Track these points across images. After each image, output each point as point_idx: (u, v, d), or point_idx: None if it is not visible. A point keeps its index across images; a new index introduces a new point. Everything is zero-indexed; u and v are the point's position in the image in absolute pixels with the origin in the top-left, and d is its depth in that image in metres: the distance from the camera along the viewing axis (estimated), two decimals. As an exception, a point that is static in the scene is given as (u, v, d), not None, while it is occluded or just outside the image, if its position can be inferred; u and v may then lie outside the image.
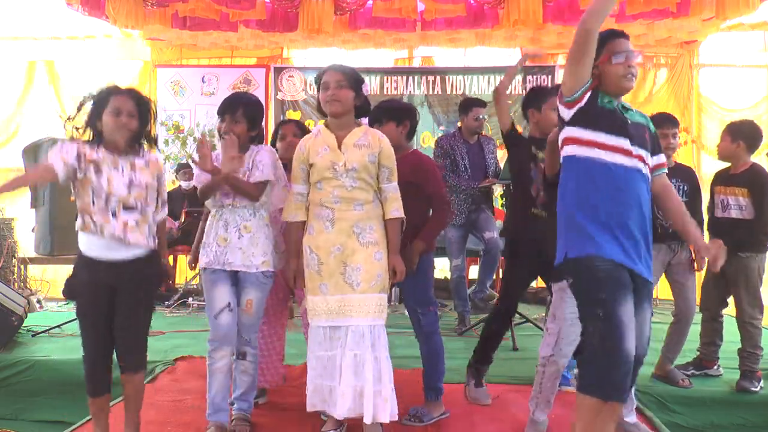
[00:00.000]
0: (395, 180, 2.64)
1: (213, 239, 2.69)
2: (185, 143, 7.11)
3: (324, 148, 2.60)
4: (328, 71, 2.62)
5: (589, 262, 2.11)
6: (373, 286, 2.55)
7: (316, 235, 2.60)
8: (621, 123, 2.15)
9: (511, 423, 2.96)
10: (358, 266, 2.55)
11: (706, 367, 3.57)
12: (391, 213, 2.61)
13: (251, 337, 2.74)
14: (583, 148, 2.16)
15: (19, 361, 3.73)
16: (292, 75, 7.47)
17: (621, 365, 2.00)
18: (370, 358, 2.50)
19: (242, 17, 6.36)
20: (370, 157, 2.58)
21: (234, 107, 2.68)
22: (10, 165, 7.44)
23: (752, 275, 3.37)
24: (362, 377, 2.49)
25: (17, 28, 7.37)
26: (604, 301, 2.05)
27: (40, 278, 6.78)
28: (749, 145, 3.38)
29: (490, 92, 7.29)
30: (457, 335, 4.69)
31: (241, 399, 2.79)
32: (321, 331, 2.59)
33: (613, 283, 2.07)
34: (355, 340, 2.52)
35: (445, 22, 6.45)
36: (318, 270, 2.59)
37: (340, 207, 2.57)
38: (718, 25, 6.38)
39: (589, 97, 2.16)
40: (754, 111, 7.01)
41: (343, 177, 2.56)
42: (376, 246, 2.58)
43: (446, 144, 4.76)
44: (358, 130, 2.63)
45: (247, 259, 2.65)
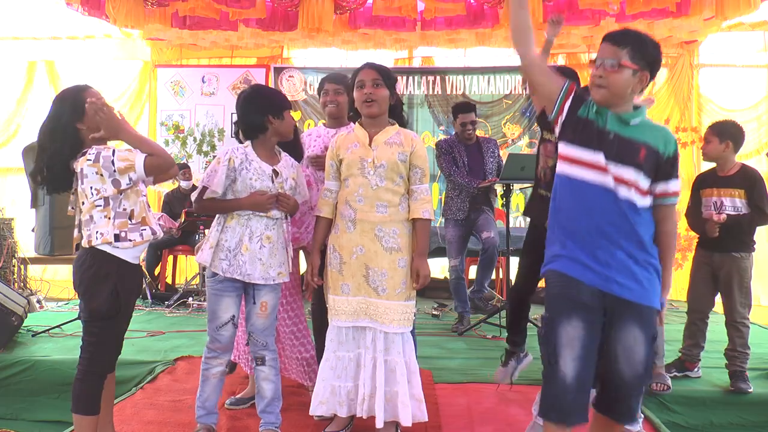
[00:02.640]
0: (427, 182, 2.61)
1: (235, 246, 2.55)
2: (185, 143, 7.11)
3: (354, 144, 2.58)
4: (363, 69, 2.57)
5: (547, 276, 2.11)
6: (398, 293, 2.52)
7: (340, 234, 2.59)
8: (593, 134, 2.03)
9: (511, 423, 2.96)
10: (383, 271, 2.51)
11: (688, 369, 3.55)
12: (420, 213, 2.55)
13: (268, 341, 2.64)
14: (561, 164, 2.11)
15: (19, 361, 3.73)
16: (292, 75, 7.47)
17: (553, 383, 1.96)
18: (401, 362, 2.51)
19: (242, 16, 6.36)
20: (400, 155, 2.54)
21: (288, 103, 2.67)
22: (10, 165, 7.46)
23: (746, 275, 3.38)
24: (396, 383, 2.50)
25: (17, 28, 7.38)
26: (546, 320, 2.03)
27: (40, 278, 6.78)
28: (736, 145, 3.39)
29: (490, 92, 7.31)
30: (458, 335, 4.69)
31: (267, 411, 2.64)
32: (343, 331, 2.57)
33: (560, 301, 2.02)
34: (385, 346, 2.52)
35: (445, 21, 6.46)
36: (339, 269, 2.57)
37: (362, 207, 2.53)
38: (719, 25, 6.38)
39: (570, 106, 2.08)
40: (754, 111, 7.01)
41: (371, 174, 2.52)
42: (399, 252, 2.53)
43: (445, 145, 4.82)
44: (391, 128, 2.60)
45: (265, 271, 2.56)
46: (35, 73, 7.57)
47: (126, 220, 2.34)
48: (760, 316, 5.90)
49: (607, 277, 1.99)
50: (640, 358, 1.99)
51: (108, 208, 2.32)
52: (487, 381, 3.52)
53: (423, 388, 3.27)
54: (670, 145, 2.05)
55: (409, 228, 2.59)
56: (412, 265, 2.56)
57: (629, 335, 1.99)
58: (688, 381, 3.51)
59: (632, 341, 1.99)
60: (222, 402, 3.07)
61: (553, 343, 1.97)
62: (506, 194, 4.57)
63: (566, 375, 1.94)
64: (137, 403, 3.18)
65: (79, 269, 2.35)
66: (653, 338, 2.02)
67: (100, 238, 2.30)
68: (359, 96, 2.55)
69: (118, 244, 2.32)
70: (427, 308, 5.83)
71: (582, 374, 1.95)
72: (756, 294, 6.93)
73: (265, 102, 2.58)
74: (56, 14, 6.79)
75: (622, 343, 1.99)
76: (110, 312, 2.33)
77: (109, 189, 2.29)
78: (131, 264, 2.38)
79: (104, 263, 2.32)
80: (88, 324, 2.37)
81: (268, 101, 2.59)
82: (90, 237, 2.31)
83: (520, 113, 7.25)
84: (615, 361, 1.99)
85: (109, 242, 2.30)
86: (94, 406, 2.37)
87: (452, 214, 4.76)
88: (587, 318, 1.98)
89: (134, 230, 2.36)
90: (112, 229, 2.31)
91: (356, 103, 2.59)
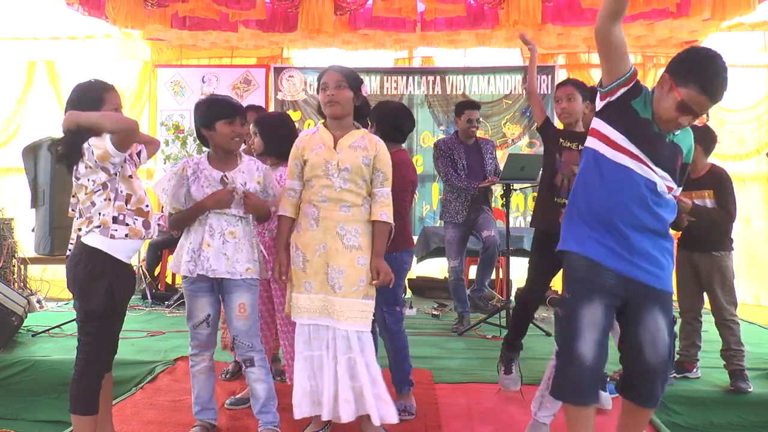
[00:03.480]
0: (389, 186, 2.61)
1: (197, 245, 2.61)
2: (185, 143, 7.11)
3: (319, 145, 2.59)
4: (327, 72, 2.61)
5: (569, 257, 2.11)
6: (355, 291, 2.52)
7: (303, 232, 2.59)
8: (648, 136, 2.03)
9: (510, 423, 2.96)
10: (340, 269, 2.52)
11: (687, 370, 3.55)
12: (378, 215, 2.56)
13: (253, 342, 2.66)
14: (599, 143, 2.10)
15: (19, 361, 3.73)
16: (292, 75, 7.47)
17: (572, 366, 1.98)
18: (361, 361, 2.51)
19: (242, 17, 6.36)
20: (364, 159, 2.56)
21: (242, 110, 2.66)
22: (10, 165, 7.46)
23: (727, 273, 3.40)
24: (359, 380, 2.50)
25: (17, 28, 7.38)
26: (567, 301, 2.04)
27: (40, 278, 6.78)
28: (705, 149, 3.42)
29: (490, 92, 7.31)
30: (457, 335, 4.70)
31: (263, 412, 2.67)
32: (306, 329, 2.58)
33: (583, 284, 2.03)
34: (345, 345, 2.52)
35: (445, 22, 6.45)
36: (303, 267, 2.57)
37: (326, 206, 2.55)
38: (718, 25, 6.38)
39: (624, 93, 2.06)
40: (754, 111, 7.01)
41: (335, 177, 2.54)
42: (359, 251, 2.55)
43: (443, 145, 4.77)
44: (357, 132, 2.62)
45: (231, 266, 2.58)
46: (35, 73, 7.58)
47: (123, 203, 2.39)
48: (760, 316, 5.92)
49: (633, 263, 2.03)
50: (664, 343, 2.03)
51: (107, 191, 2.36)
52: (487, 381, 3.52)
53: (423, 388, 3.30)
54: (690, 153, 2.16)
55: (370, 229, 2.60)
56: (371, 264, 2.57)
57: (653, 321, 2.04)
58: (687, 381, 3.51)
59: (656, 326, 2.03)
60: (222, 402, 3.08)
61: (574, 325, 1.99)
62: (506, 194, 4.57)
63: (586, 357, 1.97)
64: (137, 403, 3.18)
65: (74, 269, 2.37)
66: (674, 323, 2.07)
67: (99, 218, 2.33)
68: (323, 97, 2.59)
69: (116, 227, 2.34)
70: (427, 308, 5.83)
71: (599, 357, 2.00)
72: (756, 294, 7.00)
73: (199, 113, 2.66)
74: (56, 14, 6.79)
75: (647, 328, 2.03)
76: (106, 311, 2.35)
77: (102, 176, 2.34)
78: (125, 263, 2.42)
79: (98, 262, 2.34)
80: (84, 324, 2.38)
81: (201, 113, 2.65)
82: (91, 218, 2.35)
83: (520, 113, 7.25)
84: (640, 346, 2.03)
85: (107, 225, 2.33)
86: (93, 406, 2.37)
87: (451, 217, 4.73)
88: (607, 303, 2.02)
89: (131, 216, 2.40)
90: (112, 211, 2.35)
91: (321, 104, 2.63)
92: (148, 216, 2.46)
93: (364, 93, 2.66)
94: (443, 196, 4.88)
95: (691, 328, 3.55)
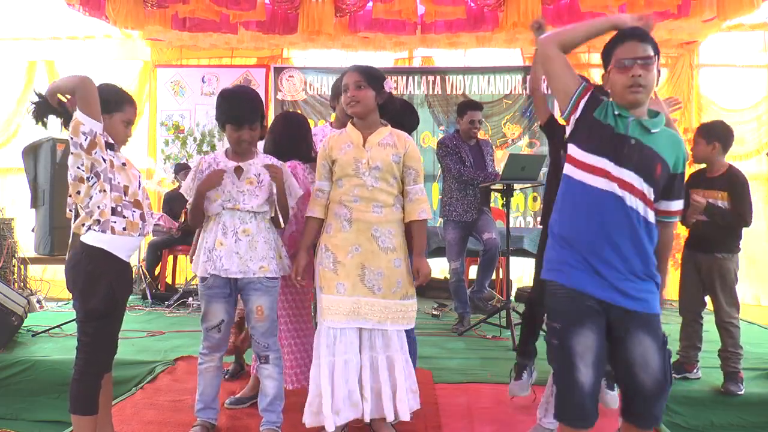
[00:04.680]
0: (422, 182, 2.61)
1: (210, 243, 2.60)
2: (185, 143, 7.12)
3: (348, 144, 2.58)
4: (347, 73, 2.60)
5: (552, 287, 2.08)
6: (394, 292, 2.53)
7: (334, 233, 2.57)
8: (612, 140, 1.98)
9: (511, 423, 2.96)
10: (379, 271, 2.52)
11: (687, 371, 3.55)
12: (418, 214, 2.56)
13: (269, 343, 2.65)
14: (568, 166, 2.07)
15: (19, 361, 3.73)
16: (292, 75, 7.48)
17: (571, 394, 1.98)
18: (400, 358, 2.55)
19: (242, 18, 6.36)
20: (394, 156, 2.55)
21: (253, 115, 2.61)
22: (10, 165, 7.46)
23: (728, 275, 3.38)
24: (395, 376, 2.54)
25: (17, 28, 7.38)
26: (558, 330, 2.02)
27: (40, 278, 6.78)
28: (724, 146, 3.38)
29: (490, 92, 7.31)
30: (457, 335, 4.70)
31: (268, 410, 2.66)
32: (331, 333, 2.53)
33: (570, 312, 2.01)
34: (385, 344, 2.55)
35: (445, 24, 6.46)
36: (334, 269, 2.54)
37: (358, 206, 2.54)
38: (719, 26, 6.39)
39: (585, 106, 2.04)
40: (754, 111, 7.01)
41: (366, 175, 2.53)
42: (395, 252, 2.54)
43: (450, 143, 4.77)
44: (384, 129, 2.61)
45: (243, 264, 2.56)
46: (35, 73, 7.58)
47: (120, 194, 2.38)
48: (760, 316, 5.92)
49: (612, 287, 1.98)
50: (655, 365, 1.99)
51: (101, 182, 2.35)
52: (487, 381, 3.52)
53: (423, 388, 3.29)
54: (680, 162, 2.03)
55: (402, 228, 2.60)
56: (412, 264, 2.58)
57: (641, 345, 1.99)
58: (687, 382, 3.51)
59: (645, 350, 1.99)
60: (222, 401, 3.08)
61: (568, 354, 1.98)
62: (506, 194, 4.56)
63: (584, 384, 1.96)
64: (137, 403, 3.18)
65: (74, 269, 2.37)
66: (664, 343, 2.01)
67: (97, 212, 2.33)
68: (344, 99, 2.60)
69: (114, 219, 2.34)
70: (427, 308, 5.83)
71: (596, 380, 1.99)
72: (756, 294, 7.00)
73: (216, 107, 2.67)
74: (56, 14, 6.80)
75: (635, 353, 1.99)
76: (107, 311, 2.36)
77: (85, 160, 2.31)
78: (124, 262, 2.42)
79: (99, 262, 2.33)
80: (83, 324, 2.38)
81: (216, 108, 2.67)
82: (90, 212, 2.34)
83: (520, 113, 7.25)
84: (632, 370, 2.00)
85: (106, 217, 2.33)
86: (92, 406, 2.37)
87: (458, 215, 4.70)
88: (596, 324, 1.99)
89: (128, 207, 2.40)
90: (109, 202, 2.35)
91: (344, 106, 2.63)
92: (142, 208, 2.46)
93: (388, 88, 2.62)
94: (445, 196, 4.85)
95: (690, 329, 3.55)
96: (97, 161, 2.32)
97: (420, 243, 2.59)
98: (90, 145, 2.28)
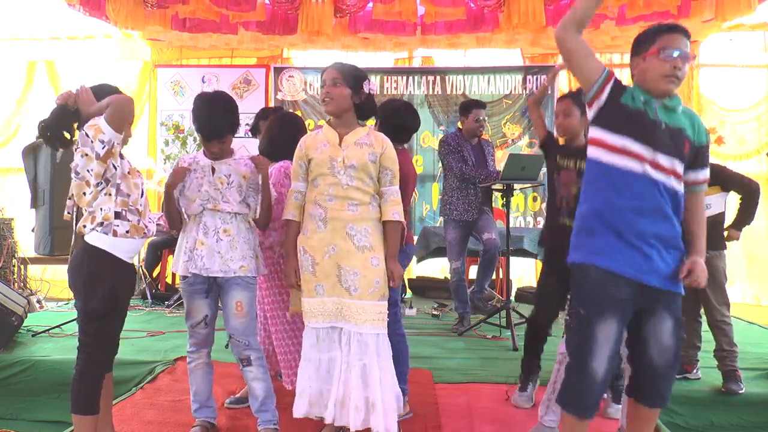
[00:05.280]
0: (397, 184, 2.58)
1: (191, 243, 2.63)
2: (185, 143, 7.11)
3: (324, 144, 2.57)
4: (327, 69, 2.60)
5: (583, 269, 2.09)
6: (371, 292, 2.48)
7: (310, 235, 2.55)
8: (644, 126, 2.03)
9: (511, 423, 2.96)
10: (354, 271, 2.48)
11: (686, 371, 3.55)
12: (390, 215, 2.53)
13: (250, 341, 2.67)
14: (599, 151, 2.09)
15: (19, 361, 3.73)
16: (292, 75, 7.47)
17: (584, 382, 2.00)
18: (377, 366, 2.45)
19: (242, 19, 6.36)
20: (370, 156, 2.53)
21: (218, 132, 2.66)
22: (10, 165, 7.46)
23: (717, 273, 3.38)
24: (372, 388, 2.44)
25: (17, 28, 7.38)
26: (582, 317, 2.04)
27: (40, 278, 6.78)
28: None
29: (490, 92, 7.30)
30: (457, 335, 4.70)
31: (261, 410, 2.68)
32: (315, 332, 2.53)
33: (599, 298, 2.02)
34: (361, 349, 2.46)
35: (445, 25, 6.45)
36: (312, 271, 2.54)
37: (333, 206, 2.51)
38: (719, 26, 6.38)
39: (610, 92, 2.07)
40: (754, 111, 7.01)
41: (341, 174, 2.51)
42: (372, 251, 2.50)
43: (452, 141, 4.76)
44: (361, 129, 2.60)
45: (225, 264, 2.60)
46: (35, 73, 7.57)
47: (126, 199, 2.40)
48: (760, 316, 5.91)
49: (646, 269, 2.02)
50: (670, 346, 2.06)
51: (109, 187, 2.36)
52: (487, 381, 3.52)
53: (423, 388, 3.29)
54: (702, 133, 2.12)
55: (380, 227, 2.57)
56: (386, 266, 2.54)
57: (663, 325, 2.06)
58: (687, 382, 3.51)
59: (665, 330, 2.05)
60: (221, 402, 3.08)
61: (588, 339, 1.99)
62: (506, 194, 4.56)
63: (597, 373, 1.99)
64: (137, 403, 3.18)
65: (76, 269, 2.37)
66: (680, 325, 2.09)
67: (101, 214, 2.33)
68: (321, 95, 2.61)
69: (118, 222, 2.35)
70: (427, 308, 5.83)
71: (610, 371, 2.03)
72: (756, 294, 6.99)
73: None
74: (56, 14, 6.79)
75: (656, 332, 2.04)
76: (107, 311, 2.36)
77: (96, 166, 2.31)
78: (126, 263, 2.42)
79: (101, 262, 2.34)
80: (84, 324, 2.39)
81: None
82: (93, 214, 2.35)
83: (520, 113, 7.25)
84: (647, 349, 2.05)
85: (109, 220, 2.33)
86: (93, 406, 2.38)
87: (458, 215, 4.69)
88: (621, 317, 2.03)
89: (133, 213, 2.41)
90: (114, 206, 2.36)
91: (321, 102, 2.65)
92: (143, 216, 2.46)
93: (369, 90, 2.60)
94: (446, 195, 4.84)
95: (690, 328, 3.55)
96: (108, 169, 2.34)
97: (393, 244, 2.56)
98: (106, 154, 2.31)
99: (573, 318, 2.08)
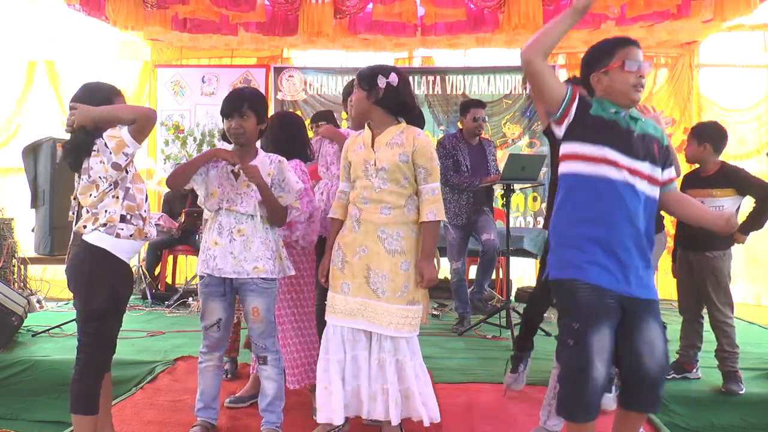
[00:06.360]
0: (434, 180, 2.52)
1: (207, 243, 2.63)
2: (185, 143, 7.12)
3: (360, 146, 2.58)
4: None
5: (569, 285, 2.09)
6: (399, 296, 2.46)
7: (346, 233, 2.57)
8: (620, 134, 2.08)
9: (511, 423, 2.96)
10: (383, 274, 2.46)
11: (686, 371, 3.55)
12: (426, 216, 2.48)
13: (266, 344, 2.65)
14: (576, 164, 2.10)
15: (19, 361, 3.73)
16: (292, 75, 7.48)
17: (586, 390, 2.01)
18: (411, 365, 2.48)
19: (242, 19, 6.36)
20: (401, 156, 2.48)
21: (239, 103, 2.63)
22: (10, 165, 7.46)
23: (721, 275, 3.38)
24: (410, 381, 2.46)
25: (17, 29, 7.37)
26: (577, 331, 2.04)
27: (40, 278, 6.78)
28: (715, 147, 3.40)
29: (490, 92, 7.31)
30: (457, 335, 4.70)
31: (268, 410, 2.67)
32: (339, 332, 2.52)
33: (590, 311, 2.04)
34: (395, 347, 2.48)
35: (445, 26, 6.45)
36: (341, 268, 2.54)
37: (367, 208, 2.51)
38: (719, 27, 6.38)
39: (578, 109, 2.10)
40: (754, 111, 7.01)
41: (373, 177, 2.50)
42: (402, 255, 2.48)
43: (448, 144, 4.75)
44: (394, 128, 2.56)
45: (238, 264, 2.56)
46: (35, 73, 7.57)
47: (133, 204, 2.40)
48: (760, 316, 5.91)
49: (626, 280, 2.06)
50: (660, 350, 2.08)
51: (117, 190, 2.36)
52: (487, 381, 3.52)
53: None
54: (663, 134, 2.21)
55: (415, 230, 2.53)
56: (419, 265, 2.51)
57: (650, 331, 2.08)
58: (687, 382, 3.51)
59: (652, 336, 2.07)
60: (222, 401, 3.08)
61: (586, 352, 2.00)
62: (506, 194, 4.56)
63: (598, 380, 2.01)
64: (137, 403, 3.18)
65: (76, 269, 2.37)
66: (664, 328, 2.12)
67: (105, 216, 2.33)
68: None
69: (122, 226, 2.34)
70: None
71: (606, 376, 2.05)
72: (756, 294, 6.99)
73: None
74: (56, 14, 6.79)
75: (645, 339, 2.06)
76: (108, 311, 2.36)
77: (112, 173, 2.33)
78: (125, 263, 2.42)
79: (102, 262, 2.33)
80: (84, 324, 2.38)
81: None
82: (96, 215, 2.35)
83: (520, 113, 7.25)
84: (639, 357, 2.06)
85: (114, 223, 2.33)
86: (93, 406, 2.38)
87: (450, 219, 4.69)
88: (612, 324, 2.05)
89: (137, 218, 2.41)
90: (120, 209, 2.35)
91: None
92: (146, 222, 2.46)
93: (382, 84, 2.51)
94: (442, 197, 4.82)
95: (690, 328, 3.55)
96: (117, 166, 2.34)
97: (428, 245, 2.52)
98: (126, 165, 2.35)
99: (566, 333, 2.08)
